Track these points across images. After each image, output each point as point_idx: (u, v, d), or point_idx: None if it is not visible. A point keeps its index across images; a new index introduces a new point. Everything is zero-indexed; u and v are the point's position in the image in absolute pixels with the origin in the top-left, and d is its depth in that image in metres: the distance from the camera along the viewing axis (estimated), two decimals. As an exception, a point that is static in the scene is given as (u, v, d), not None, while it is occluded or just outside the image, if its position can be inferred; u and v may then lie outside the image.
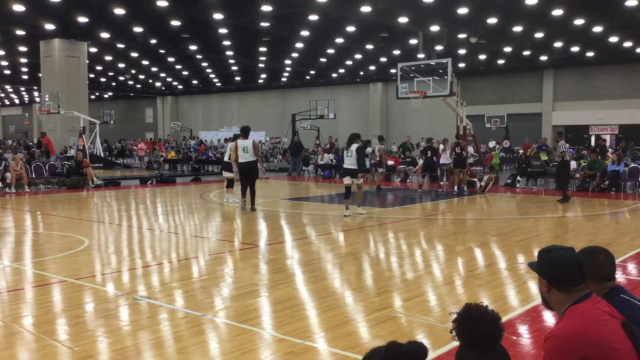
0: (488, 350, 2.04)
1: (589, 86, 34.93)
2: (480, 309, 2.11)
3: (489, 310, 2.12)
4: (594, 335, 2.19)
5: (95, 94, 52.06)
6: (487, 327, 2.04)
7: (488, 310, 2.11)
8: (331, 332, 4.90)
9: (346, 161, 12.69)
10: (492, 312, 2.13)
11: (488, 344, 2.05)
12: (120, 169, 31.01)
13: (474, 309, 2.10)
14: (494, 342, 2.07)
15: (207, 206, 14.53)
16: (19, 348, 4.60)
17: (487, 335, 2.04)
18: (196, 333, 4.89)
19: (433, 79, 18.60)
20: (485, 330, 2.04)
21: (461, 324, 2.09)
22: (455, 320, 2.12)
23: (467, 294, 6.23)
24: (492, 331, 2.06)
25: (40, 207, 14.47)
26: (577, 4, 20.74)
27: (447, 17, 22.49)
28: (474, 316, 2.06)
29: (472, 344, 2.04)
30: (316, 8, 21.21)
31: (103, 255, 8.41)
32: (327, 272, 7.28)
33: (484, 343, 2.03)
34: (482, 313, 2.08)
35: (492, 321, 2.09)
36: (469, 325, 2.05)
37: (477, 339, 2.04)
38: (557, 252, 2.41)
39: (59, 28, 25.57)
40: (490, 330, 2.05)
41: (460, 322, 2.09)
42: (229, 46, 30.02)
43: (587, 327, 2.22)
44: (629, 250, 8.50)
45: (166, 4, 20.40)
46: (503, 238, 9.83)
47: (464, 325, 2.07)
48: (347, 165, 12.58)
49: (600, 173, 17.70)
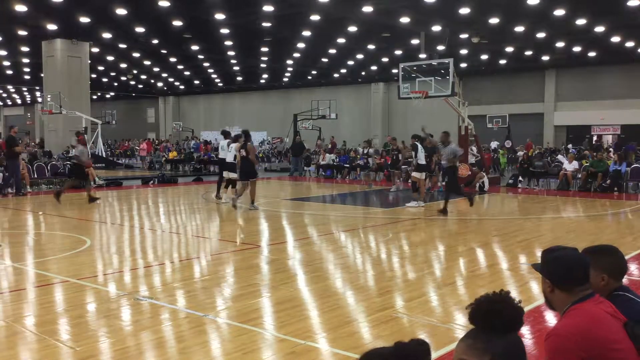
0: (504, 334, 1.91)
1: (591, 86, 34.88)
2: (505, 297, 1.98)
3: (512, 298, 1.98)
4: (595, 335, 2.19)
5: (97, 94, 52.09)
6: (510, 314, 1.92)
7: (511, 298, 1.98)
8: (333, 333, 4.89)
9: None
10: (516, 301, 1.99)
11: (507, 329, 1.92)
12: (122, 169, 31.05)
13: (498, 297, 1.98)
14: (512, 327, 1.95)
15: (209, 206, 14.54)
16: (21, 348, 4.60)
17: (509, 321, 1.92)
18: (198, 333, 4.89)
19: (435, 79, 18.60)
20: (507, 316, 1.91)
21: (484, 307, 1.92)
22: (478, 302, 1.95)
23: (468, 295, 6.22)
24: (513, 316, 1.93)
25: (42, 207, 14.48)
26: (579, 4, 20.70)
27: (449, 17, 22.46)
28: (499, 304, 1.94)
29: (489, 327, 1.92)
30: (318, 8, 21.21)
31: (105, 255, 8.42)
32: (329, 273, 7.27)
33: (502, 327, 1.91)
34: (507, 299, 1.95)
35: (516, 308, 1.94)
36: (492, 309, 1.92)
37: (496, 323, 1.91)
38: (560, 252, 2.41)
39: (61, 28, 25.60)
40: (513, 315, 1.93)
41: (484, 305, 1.93)
42: (231, 46, 30.03)
43: (589, 326, 2.21)
44: (631, 250, 8.48)
45: (168, 4, 20.41)
46: (505, 238, 9.82)
47: (485, 309, 1.91)
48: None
49: (602, 173, 17.70)
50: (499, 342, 1.84)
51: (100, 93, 53.22)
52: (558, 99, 36.36)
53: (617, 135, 34.15)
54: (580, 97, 35.35)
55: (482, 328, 1.88)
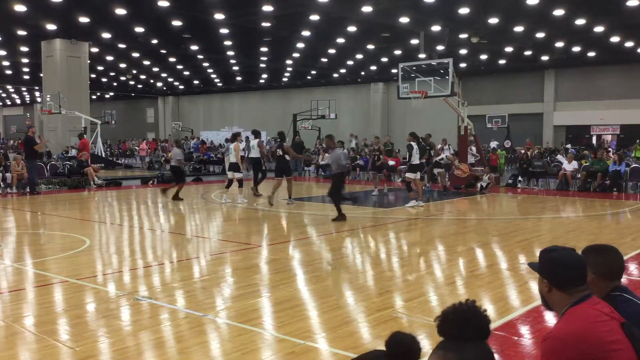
0: (474, 343, 1.96)
1: (591, 86, 34.88)
2: (472, 306, 2.03)
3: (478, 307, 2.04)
4: (593, 337, 2.18)
5: (97, 94, 52.07)
6: (478, 323, 1.97)
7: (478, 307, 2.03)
8: (332, 333, 4.89)
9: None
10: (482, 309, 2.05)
11: (477, 337, 1.97)
12: (122, 169, 31.03)
13: (465, 306, 2.03)
14: (481, 336, 2.00)
15: (208, 206, 14.54)
16: (20, 348, 4.60)
17: (478, 329, 1.97)
18: (197, 333, 4.89)
19: (434, 79, 18.59)
20: (475, 325, 1.96)
21: (451, 317, 2.00)
22: (445, 313, 2.04)
23: (468, 294, 6.22)
24: (481, 324, 1.98)
25: (42, 207, 14.48)
26: (578, 4, 20.71)
27: (449, 17, 22.47)
28: (466, 313, 1.99)
29: (459, 337, 1.96)
30: (317, 8, 21.20)
31: (104, 255, 8.42)
32: (328, 273, 7.28)
33: (472, 336, 1.96)
34: (473, 308, 2.00)
35: (483, 316, 2.01)
36: (460, 318, 1.97)
37: (467, 333, 1.96)
38: (559, 252, 2.41)
39: (60, 28, 25.58)
40: (481, 324, 1.98)
41: (450, 315, 2.01)
42: (230, 46, 30.02)
43: (586, 328, 2.21)
44: (630, 250, 8.48)
45: (167, 4, 20.40)
46: (504, 238, 9.83)
47: (454, 319, 1.99)
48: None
49: (601, 173, 17.71)
50: (470, 351, 1.85)
51: (99, 93, 53.19)
52: (557, 99, 36.37)
53: (617, 135, 34.17)
54: (579, 97, 35.36)
55: (451, 339, 1.89)
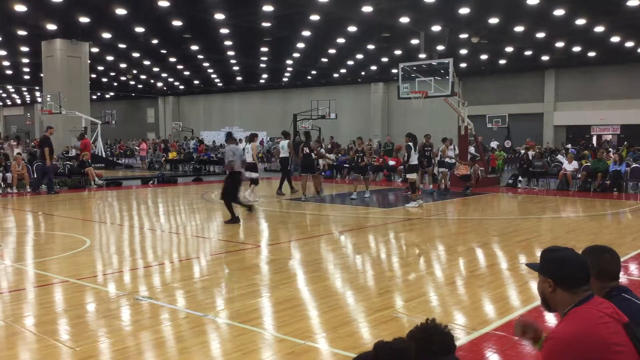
0: (443, 357, 2.17)
1: (591, 86, 34.89)
2: (434, 324, 2.27)
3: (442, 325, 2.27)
4: (595, 338, 2.18)
5: (97, 94, 52.10)
6: (441, 339, 2.20)
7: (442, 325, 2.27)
8: (332, 333, 4.89)
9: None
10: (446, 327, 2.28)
11: (443, 352, 2.18)
12: (122, 169, 31.03)
13: (427, 325, 2.26)
14: (447, 350, 2.21)
15: (209, 206, 14.54)
16: (21, 348, 4.60)
17: (441, 345, 2.19)
18: (197, 333, 4.89)
19: (434, 79, 18.58)
20: (439, 341, 2.19)
21: (417, 336, 2.22)
22: (412, 333, 2.24)
23: (468, 295, 6.22)
24: (446, 340, 2.22)
25: (42, 207, 14.48)
26: (578, 4, 20.72)
27: (449, 17, 22.48)
28: (430, 330, 2.23)
29: (427, 353, 2.17)
30: (317, 8, 21.22)
31: (104, 255, 8.42)
32: (328, 273, 7.28)
33: (438, 351, 2.17)
34: (435, 326, 2.25)
35: (446, 333, 2.24)
36: (424, 336, 2.20)
37: (433, 348, 2.17)
38: (563, 251, 2.40)
39: (60, 28, 25.60)
40: (445, 339, 2.21)
41: (416, 334, 2.23)
42: (231, 46, 30.04)
43: (588, 330, 2.20)
44: (630, 250, 8.48)
45: (168, 4, 20.42)
46: (504, 238, 9.82)
47: (420, 337, 2.20)
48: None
49: (602, 173, 17.70)
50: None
51: (99, 93, 53.21)
52: (558, 99, 36.38)
53: (617, 135, 34.17)
54: (579, 97, 35.37)
55: (420, 356, 2.10)
